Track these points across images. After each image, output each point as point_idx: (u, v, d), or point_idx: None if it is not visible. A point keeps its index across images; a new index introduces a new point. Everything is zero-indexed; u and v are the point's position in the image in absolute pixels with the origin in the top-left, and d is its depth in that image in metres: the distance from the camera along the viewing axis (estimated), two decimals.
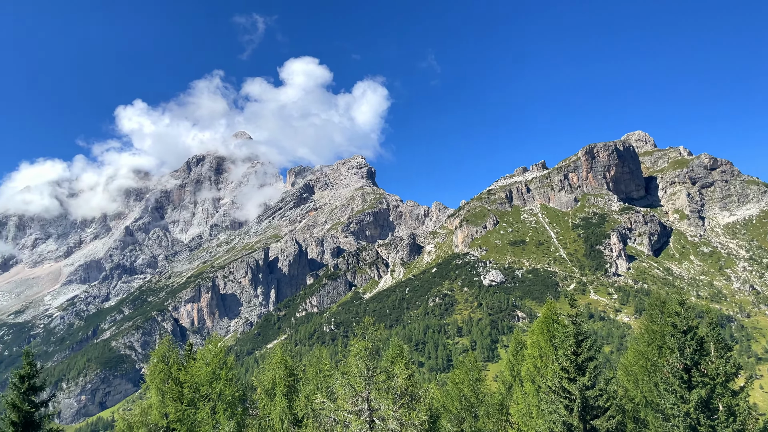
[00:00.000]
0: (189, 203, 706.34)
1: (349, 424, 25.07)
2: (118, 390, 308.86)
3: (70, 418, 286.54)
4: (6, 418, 28.99)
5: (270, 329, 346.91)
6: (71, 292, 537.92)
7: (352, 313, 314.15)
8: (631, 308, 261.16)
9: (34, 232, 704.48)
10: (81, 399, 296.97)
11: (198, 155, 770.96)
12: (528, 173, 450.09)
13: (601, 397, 37.01)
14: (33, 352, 31.20)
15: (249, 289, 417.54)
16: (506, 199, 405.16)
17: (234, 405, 32.17)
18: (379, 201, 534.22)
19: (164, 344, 34.60)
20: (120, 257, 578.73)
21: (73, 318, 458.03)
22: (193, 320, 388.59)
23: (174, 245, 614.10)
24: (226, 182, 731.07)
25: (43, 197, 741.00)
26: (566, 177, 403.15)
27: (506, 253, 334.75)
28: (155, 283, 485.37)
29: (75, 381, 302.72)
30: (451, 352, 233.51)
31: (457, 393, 50.10)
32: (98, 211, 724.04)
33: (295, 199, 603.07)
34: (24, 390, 29.55)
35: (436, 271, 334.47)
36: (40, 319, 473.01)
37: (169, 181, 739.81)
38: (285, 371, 35.87)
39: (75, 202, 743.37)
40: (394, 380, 26.68)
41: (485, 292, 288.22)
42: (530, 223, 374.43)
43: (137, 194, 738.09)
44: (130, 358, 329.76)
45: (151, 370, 33.18)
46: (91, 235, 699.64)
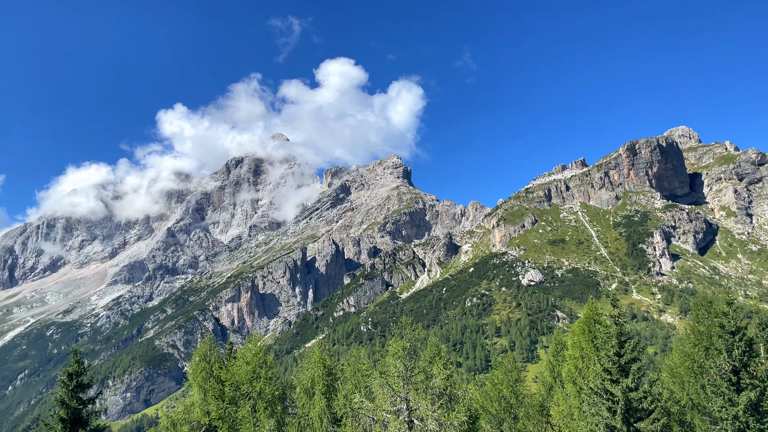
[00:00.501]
0: (228, 204, 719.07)
1: (387, 424, 25.06)
2: (162, 388, 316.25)
3: (116, 415, 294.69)
4: (55, 415, 29.95)
5: (308, 328, 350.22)
6: (116, 292, 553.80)
7: (389, 313, 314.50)
8: (675, 308, 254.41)
9: (81, 233, 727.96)
10: (126, 396, 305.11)
11: (237, 157, 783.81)
12: (567, 171, 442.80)
13: (645, 399, 36.20)
14: (80, 351, 32.17)
15: (287, 289, 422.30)
16: (545, 198, 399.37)
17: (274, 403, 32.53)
18: (415, 201, 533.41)
19: (206, 343, 35.24)
20: (162, 258, 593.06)
21: (119, 317, 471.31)
22: (233, 320, 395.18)
23: (214, 246, 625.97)
24: (264, 183, 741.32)
25: (89, 200, 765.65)
26: (607, 174, 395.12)
27: (545, 253, 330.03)
28: (196, 283, 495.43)
29: (120, 379, 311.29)
30: (490, 353, 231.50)
31: (496, 394, 49.59)
32: (141, 212, 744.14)
33: (331, 200, 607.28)
34: (72, 387, 30.51)
35: (473, 271, 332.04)
36: (87, 319, 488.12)
37: (209, 183, 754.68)
38: (324, 370, 36.09)
39: (119, 205, 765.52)
40: (433, 380, 26.55)
41: (524, 292, 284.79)
42: (570, 221, 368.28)
43: (178, 196, 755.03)
44: (173, 357, 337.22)
45: (193, 369, 33.84)
46: (135, 237, 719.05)
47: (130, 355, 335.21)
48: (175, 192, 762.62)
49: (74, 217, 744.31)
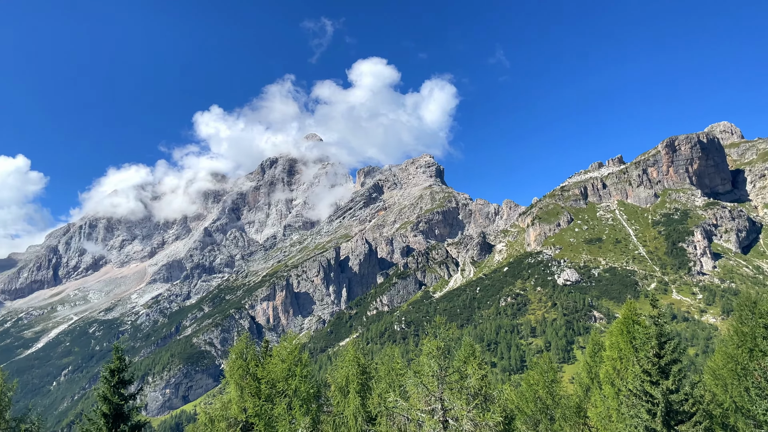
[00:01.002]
0: (263, 204, 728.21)
1: (422, 423, 25.04)
2: (200, 384, 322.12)
3: (155, 411, 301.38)
4: (98, 410, 30.80)
5: (342, 327, 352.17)
6: (155, 291, 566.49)
7: (423, 312, 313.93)
8: (717, 309, 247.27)
9: (122, 233, 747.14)
10: (166, 392, 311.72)
11: (271, 158, 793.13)
12: (604, 168, 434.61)
13: (686, 401, 35.40)
14: (122, 348, 33.01)
15: (321, 288, 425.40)
16: (581, 196, 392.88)
17: (309, 401, 32.81)
18: (448, 199, 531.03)
19: (242, 341, 35.77)
20: (200, 257, 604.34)
21: (158, 315, 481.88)
22: (268, 318, 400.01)
23: (250, 245, 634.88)
24: (298, 183, 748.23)
25: (129, 200, 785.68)
26: (645, 172, 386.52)
27: (581, 252, 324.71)
28: (233, 281, 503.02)
29: (160, 375, 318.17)
30: (525, 353, 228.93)
31: (532, 394, 49.05)
32: (179, 213, 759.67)
33: (364, 199, 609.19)
34: (114, 383, 31.33)
35: (507, 270, 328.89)
36: (128, 316, 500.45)
37: (245, 183, 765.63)
38: (358, 369, 36.23)
39: (158, 205, 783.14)
40: (468, 380, 26.40)
41: (559, 292, 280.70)
42: (607, 220, 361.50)
43: (215, 196, 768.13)
44: (210, 354, 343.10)
45: (230, 366, 34.38)
46: (173, 236, 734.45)
47: (169, 353, 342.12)
48: (212, 192, 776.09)
49: (115, 217, 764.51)
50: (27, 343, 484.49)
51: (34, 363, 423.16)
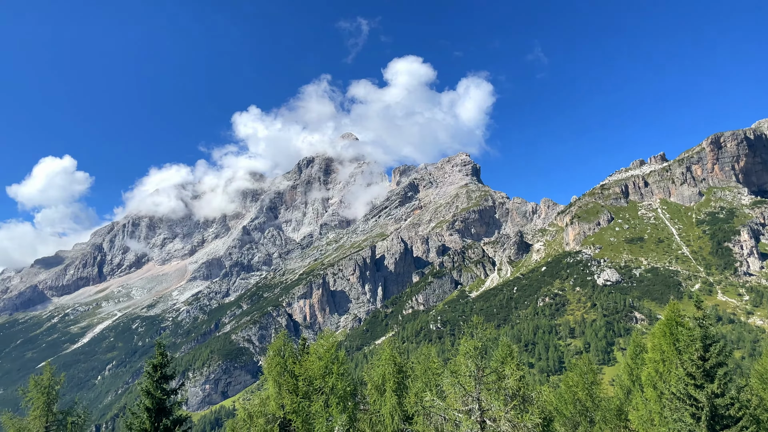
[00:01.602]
0: (300, 203, 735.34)
1: (459, 424, 24.89)
2: (238, 381, 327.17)
3: (195, 406, 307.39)
4: (141, 404, 31.61)
5: (378, 326, 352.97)
6: (195, 288, 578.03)
7: (459, 312, 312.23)
8: (765, 310, 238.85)
9: (163, 232, 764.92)
10: (205, 388, 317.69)
11: (308, 157, 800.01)
12: (645, 166, 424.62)
13: (732, 406, 34.40)
14: (164, 344, 33.81)
15: (357, 286, 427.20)
16: (621, 194, 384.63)
17: (346, 399, 32.99)
18: (485, 198, 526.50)
19: (280, 338, 36.20)
20: (238, 255, 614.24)
21: (198, 312, 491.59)
22: (305, 315, 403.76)
23: (287, 244, 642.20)
24: (335, 182, 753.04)
25: (170, 199, 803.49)
26: (689, 169, 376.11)
27: (622, 251, 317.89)
28: (270, 279, 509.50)
29: (200, 371, 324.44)
30: (563, 354, 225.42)
31: (571, 396, 48.26)
32: (218, 211, 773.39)
33: (400, 198, 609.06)
34: (157, 378, 32.11)
35: (545, 270, 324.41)
36: (169, 313, 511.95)
37: (282, 182, 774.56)
38: (394, 368, 36.25)
39: (198, 204, 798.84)
40: (505, 381, 26.13)
41: (599, 292, 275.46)
42: (648, 219, 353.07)
43: (253, 195, 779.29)
44: (248, 351, 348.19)
45: (268, 363, 34.82)
46: (213, 235, 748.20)
47: (209, 349, 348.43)
48: (250, 191, 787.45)
49: (157, 215, 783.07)
50: (73, 338, 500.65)
51: (80, 357, 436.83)
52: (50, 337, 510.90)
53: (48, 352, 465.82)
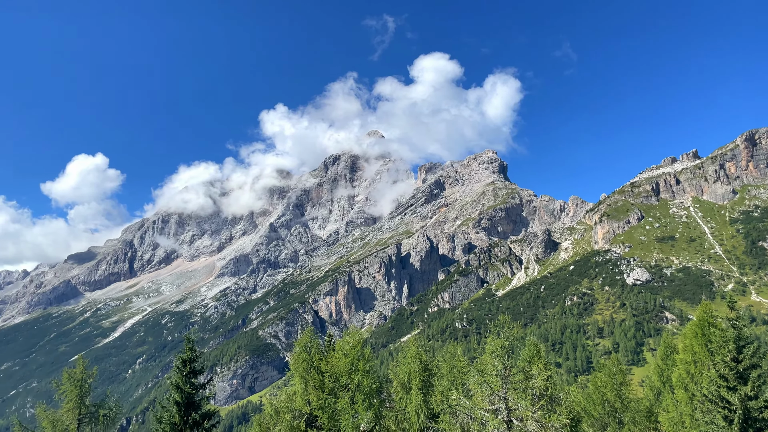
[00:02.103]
0: (326, 201, 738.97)
1: (486, 423, 24.73)
2: (265, 376, 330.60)
3: (223, 401, 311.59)
4: (170, 398, 32.06)
5: (403, 323, 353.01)
6: (223, 284, 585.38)
7: (485, 310, 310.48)
8: None
9: (192, 228, 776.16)
10: (233, 383, 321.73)
11: (334, 155, 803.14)
12: (677, 164, 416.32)
13: (766, 408, 33.59)
14: (192, 339, 34.24)
15: (383, 284, 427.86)
16: (652, 192, 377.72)
17: (371, 396, 33.02)
18: (512, 196, 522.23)
19: (306, 335, 36.39)
20: (265, 252, 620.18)
21: (225, 308, 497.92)
22: (331, 312, 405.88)
23: (313, 241, 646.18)
24: (360, 180, 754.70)
25: (199, 196, 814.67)
26: (722, 167, 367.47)
27: (652, 250, 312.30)
28: (297, 276, 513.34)
29: (228, 366, 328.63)
30: (591, 354, 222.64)
31: (600, 397, 47.60)
32: (246, 208, 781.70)
33: (425, 196, 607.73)
34: (186, 373, 32.54)
35: (573, 269, 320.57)
36: (198, 308, 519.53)
37: (308, 180, 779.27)
38: (420, 366, 36.19)
39: (226, 201, 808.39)
40: (532, 381, 25.88)
41: (629, 292, 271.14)
42: (680, 217, 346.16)
43: (280, 192, 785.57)
44: (275, 347, 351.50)
45: (294, 359, 35.05)
46: (240, 232, 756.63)
47: (236, 344, 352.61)
48: (277, 189, 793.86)
49: (186, 212, 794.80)
50: (105, 332, 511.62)
51: (111, 351, 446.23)
52: (83, 331, 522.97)
53: (80, 345, 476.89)
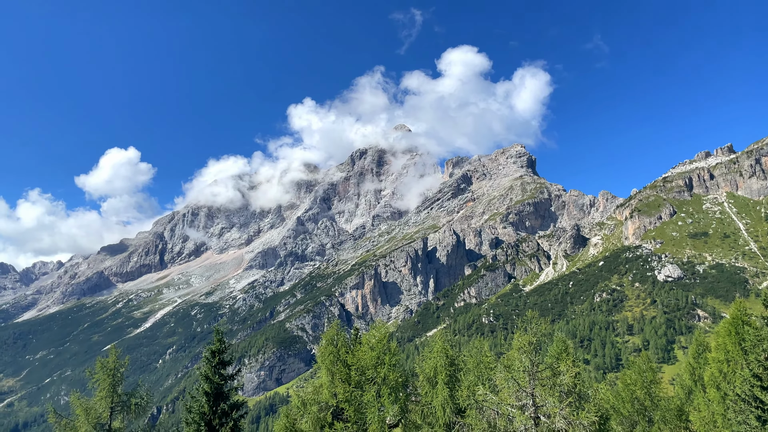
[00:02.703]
0: (353, 195, 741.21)
1: (512, 419, 24.58)
2: (292, 368, 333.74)
3: (251, 392, 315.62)
4: (200, 389, 32.57)
5: (429, 318, 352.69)
6: (251, 277, 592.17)
7: (512, 306, 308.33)
8: None
9: (221, 221, 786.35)
10: (260, 374, 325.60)
11: (361, 149, 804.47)
12: (711, 158, 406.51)
13: None
14: (221, 330, 34.72)
15: (409, 278, 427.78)
16: (685, 187, 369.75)
17: (397, 390, 33.10)
18: (540, 190, 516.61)
19: (333, 328, 36.59)
20: (292, 245, 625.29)
21: (253, 300, 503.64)
22: (357, 306, 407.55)
23: (340, 234, 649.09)
24: (387, 174, 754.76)
25: (228, 189, 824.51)
26: (758, 161, 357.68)
27: (685, 247, 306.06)
28: (323, 269, 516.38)
29: (255, 358, 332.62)
30: (620, 351, 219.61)
31: (629, 395, 46.94)
32: (274, 202, 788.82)
33: (452, 190, 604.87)
34: (215, 364, 33.01)
35: (603, 265, 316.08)
36: (226, 300, 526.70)
37: (335, 173, 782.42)
38: (446, 360, 36.10)
39: (254, 194, 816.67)
40: (560, 377, 25.61)
41: (660, 289, 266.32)
42: (714, 213, 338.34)
43: (307, 186, 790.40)
44: (301, 339, 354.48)
45: (321, 352, 35.31)
46: (268, 225, 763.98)
47: (264, 336, 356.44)
48: (304, 182, 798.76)
49: (215, 205, 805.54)
50: (136, 322, 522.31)
51: (142, 341, 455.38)
52: (115, 322, 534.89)
53: (113, 335, 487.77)
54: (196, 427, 31.16)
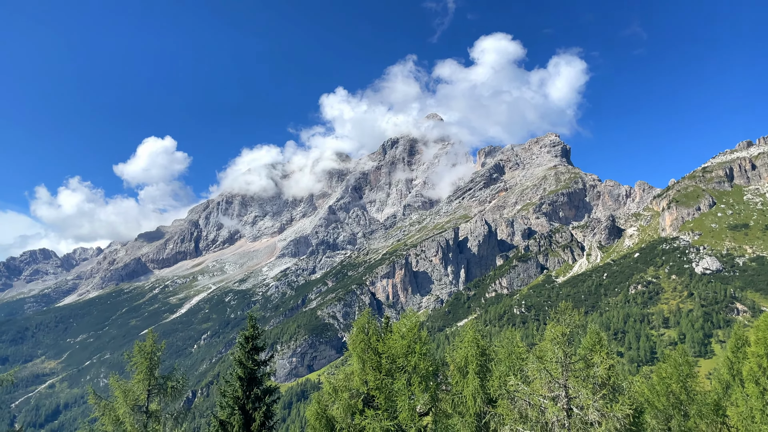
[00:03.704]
0: (384, 184, 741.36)
1: (544, 410, 24.38)
2: (323, 355, 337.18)
3: (283, 378, 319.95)
4: (234, 373, 33.18)
5: (460, 308, 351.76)
6: (284, 265, 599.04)
7: (544, 297, 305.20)
8: None
9: (254, 209, 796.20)
10: (292, 361, 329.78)
11: (392, 138, 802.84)
12: (753, 148, 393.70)
13: None
14: (255, 317, 35.25)
15: (439, 268, 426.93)
16: (725, 178, 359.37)
17: (428, 378, 33.12)
18: (574, 180, 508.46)
19: (364, 316, 36.73)
20: (324, 234, 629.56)
21: (286, 288, 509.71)
22: (388, 295, 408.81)
23: (371, 224, 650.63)
24: (419, 163, 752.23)
25: (261, 178, 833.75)
26: None
27: (724, 239, 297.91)
28: (354, 258, 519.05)
29: (287, 344, 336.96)
30: (655, 344, 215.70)
31: (664, 388, 46.03)
32: (306, 191, 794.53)
33: (484, 180, 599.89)
34: (248, 349, 33.56)
35: (638, 256, 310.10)
36: (259, 288, 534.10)
37: (367, 163, 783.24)
38: (477, 350, 35.95)
39: (287, 183, 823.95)
40: (594, 369, 25.27)
41: (697, 281, 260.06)
42: (755, 204, 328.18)
43: (339, 175, 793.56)
44: (333, 327, 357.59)
45: (352, 339, 35.51)
46: (300, 214, 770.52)
47: (296, 323, 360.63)
48: (336, 171, 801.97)
49: (248, 194, 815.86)
50: (172, 308, 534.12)
51: (178, 327, 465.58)
52: (152, 307, 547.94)
53: (150, 320, 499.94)
54: (230, 410, 31.77)
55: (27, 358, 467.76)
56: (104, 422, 33.76)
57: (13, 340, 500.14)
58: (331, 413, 34.29)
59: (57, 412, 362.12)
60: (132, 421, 33.70)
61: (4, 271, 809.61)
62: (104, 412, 34.00)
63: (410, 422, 29.38)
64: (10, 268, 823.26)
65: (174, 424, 35.60)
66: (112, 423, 33.66)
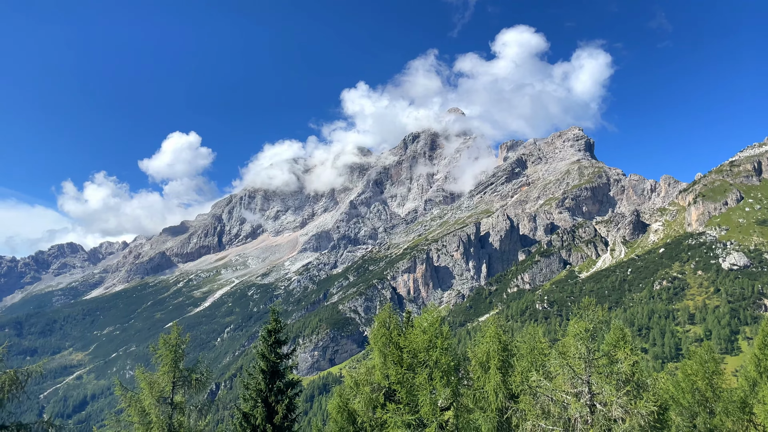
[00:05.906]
0: (405, 179, 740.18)
1: (567, 406, 24.22)
2: (345, 349, 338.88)
3: (305, 371, 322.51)
4: (256, 366, 33.51)
5: (481, 303, 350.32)
6: (305, 259, 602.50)
7: (567, 292, 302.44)
8: None
9: (276, 204, 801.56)
10: (314, 354, 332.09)
11: (413, 133, 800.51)
12: None
13: None
14: (277, 310, 35.54)
15: (461, 263, 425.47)
16: (754, 172, 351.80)
17: (449, 373, 33.05)
18: (598, 175, 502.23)
19: (385, 310, 36.74)
20: (345, 229, 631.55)
21: (307, 282, 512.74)
22: (409, 289, 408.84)
23: (392, 218, 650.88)
24: (440, 158, 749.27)
25: (283, 173, 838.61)
26: None
27: (752, 234, 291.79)
28: (375, 253, 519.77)
29: (309, 338, 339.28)
30: (680, 341, 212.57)
31: (689, 385, 45.37)
32: (327, 185, 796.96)
33: (506, 174, 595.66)
34: (271, 342, 33.84)
35: (663, 252, 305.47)
36: (281, 282, 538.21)
37: (388, 157, 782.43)
38: (499, 345, 35.78)
39: (308, 178, 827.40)
40: (618, 365, 25.01)
41: (724, 277, 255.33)
42: None
43: (360, 170, 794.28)
44: (354, 321, 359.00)
45: (374, 334, 35.57)
46: (322, 208, 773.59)
47: (317, 317, 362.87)
48: (357, 166, 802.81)
49: (271, 189, 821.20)
50: (196, 302, 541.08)
51: (201, 320, 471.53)
52: (176, 300, 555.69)
53: (174, 313, 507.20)
54: (253, 403, 32.10)
55: (55, 350, 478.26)
56: (130, 413, 34.35)
57: (42, 332, 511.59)
58: (353, 407, 34.46)
59: (84, 403, 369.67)
60: (157, 412, 34.24)
61: (32, 264, 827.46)
62: (130, 403, 34.58)
63: (432, 416, 29.42)
64: (38, 261, 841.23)
65: (198, 415, 36.07)
66: (137, 414, 34.24)
